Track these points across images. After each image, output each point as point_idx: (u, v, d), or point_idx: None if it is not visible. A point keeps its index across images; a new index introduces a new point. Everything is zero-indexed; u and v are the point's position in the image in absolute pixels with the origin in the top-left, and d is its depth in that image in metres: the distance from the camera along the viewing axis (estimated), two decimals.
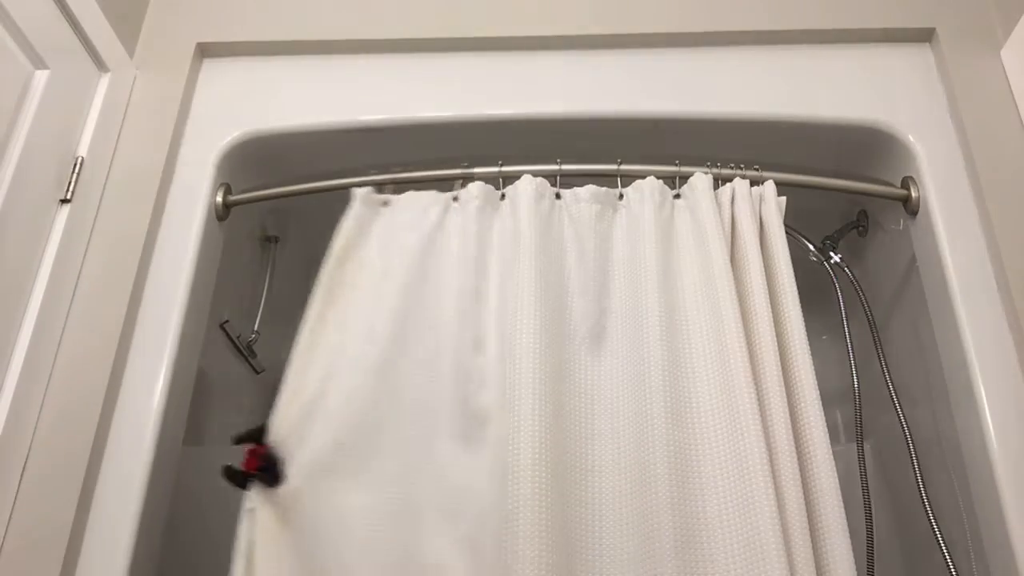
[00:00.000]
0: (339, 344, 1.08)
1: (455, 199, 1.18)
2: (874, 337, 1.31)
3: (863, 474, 1.28)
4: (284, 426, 1.03)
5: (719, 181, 1.17)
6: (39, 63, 1.09)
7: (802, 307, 1.05)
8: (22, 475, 1.02)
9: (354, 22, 1.34)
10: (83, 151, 1.17)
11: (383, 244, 1.15)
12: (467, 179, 1.20)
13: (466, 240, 1.14)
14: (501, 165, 1.19)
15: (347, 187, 1.23)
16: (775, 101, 1.28)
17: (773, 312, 1.05)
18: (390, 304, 1.08)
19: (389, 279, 1.10)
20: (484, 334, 1.08)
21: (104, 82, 1.22)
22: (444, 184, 1.20)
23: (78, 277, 1.14)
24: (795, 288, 1.06)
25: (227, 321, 1.38)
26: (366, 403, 1.04)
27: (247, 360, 1.51)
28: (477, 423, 1.03)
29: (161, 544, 1.11)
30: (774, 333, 1.03)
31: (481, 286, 1.12)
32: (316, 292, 1.10)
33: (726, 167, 1.18)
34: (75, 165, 1.15)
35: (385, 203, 1.18)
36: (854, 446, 1.31)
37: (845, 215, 1.49)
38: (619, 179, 1.19)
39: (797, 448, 0.97)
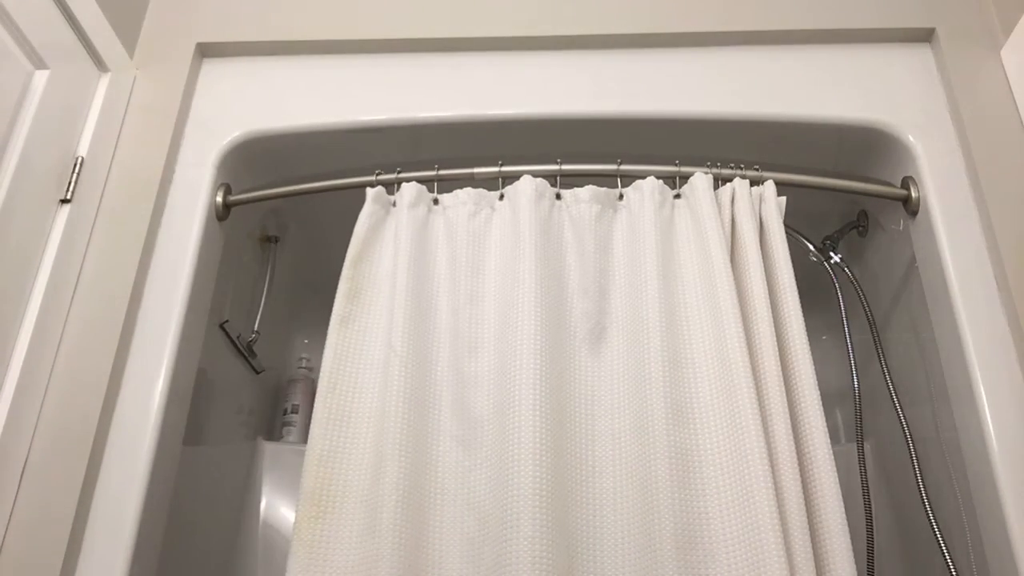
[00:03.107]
0: (362, 344, 1.09)
1: (436, 201, 1.18)
2: (874, 337, 1.31)
3: (863, 474, 1.28)
4: (319, 425, 1.04)
5: (719, 181, 1.17)
6: (39, 63, 1.09)
7: (802, 307, 1.05)
8: (22, 475, 1.02)
9: (354, 22, 1.34)
10: (83, 151, 1.17)
11: (392, 242, 1.15)
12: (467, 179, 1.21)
13: (456, 241, 1.14)
14: (501, 165, 1.19)
15: (347, 187, 1.23)
16: (775, 101, 1.28)
17: (773, 312, 1.05)
18: (399, 305, 1.08)
19: (396, 279, 1.10)
20: (480, 337, 1.09)
21: (104, 82, 1.22)
22: (445, 184, 1.21)
23: (78, 277, 1.14)
24: (795, 288, 1.06)
25: (227, 321, 1.38)
26: (382, 405, 1.04)
27: (247, 360, 1.51)
28: (473, 426, 1.03)
29: (161, 544, 1.11)
30: (774, 333, 1.03)
31: (476, 288, 1.12)
32: (339, 292, 1.11)
33: (726, 167, 1.18)
34: (75, 165, 1.15)
35: (394, 203, 1.19)
36: (854, 446, 1.31)
37: (845, 215, 1.49)
38: (619, 179, 1.19)
39: (797, 448, 0.97)
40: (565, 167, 1.19)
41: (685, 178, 1.17)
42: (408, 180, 1.19)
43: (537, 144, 1.31)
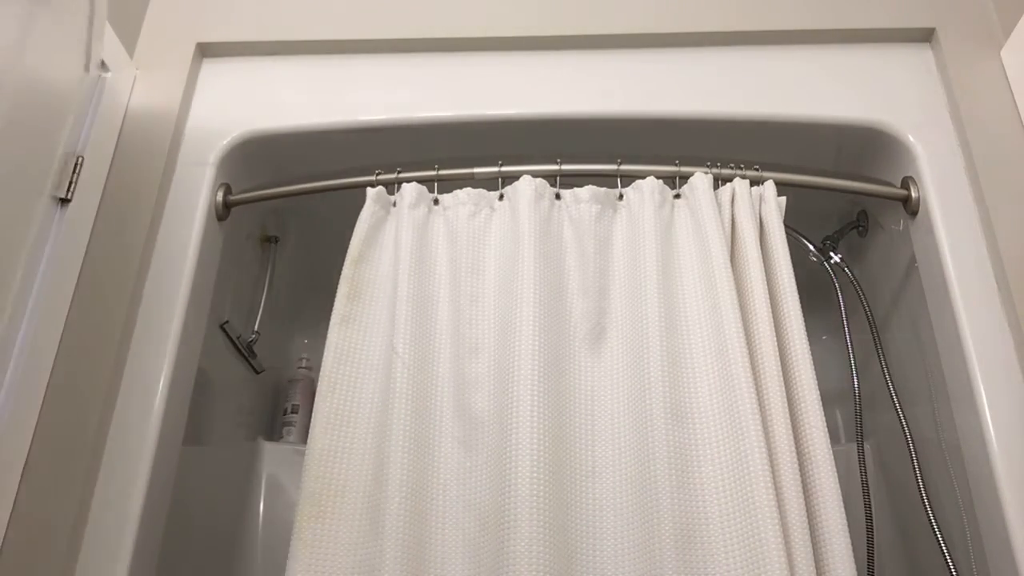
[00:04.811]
0: (362, 344, 1.10)
1: (436, 202, 1.18)
2: (874, 337, 1.31)
3: (863, 474, 1.28)
4: (320, 425, 1.04)
5: (719, 181, 1.17)
6: (86, 65, 1.09)
7: (802, 307, 1.05)
8: (22, 475, 1.02)
9: (354, 22, 1.34)
10: (83, 151, 1.16)
11: (393, 243, 1.15)
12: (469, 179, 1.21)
13: (456, 241, 1.14)
14: (501, 165, 1.19)
15: (347, 187, 1.23)
16: (775, 101, 1.28)
17: (773, 312, 1.05)
18: (401, 307, 1.08)
19: (398, 280, 1.10)
20: (481, 338, 1.09)
21: (104, 82, 1.22)
22: (445, 184, 1.21)
23: (78, 277, 1.14)
24: (795, 288, 1.06)
25: (227, 321, 1.38)
26: (384, 407, 1.04)
27: (247, 360, 1.51)
28: (474, 427, 1.03)
29: (161, 544, 1.11)
30: (774, 333, 1.03)
31: (477, 289, 1.12)
32: (339, 293, 1.11)
33: (726, 167, 1.18)
34: (75, 165, 1.15)
35: (395, 203, 1.19)
36: (854, 446, 1.31)
37: (845, 215, 1.49)
38: (619, 179, 1.19)
39: (797, 448, 0.97)
40: (565, 167, 1.19)
41: (685, 178, 1.17)
42: (408, 180, 1.19)
43: (537, 144, 1.31)
